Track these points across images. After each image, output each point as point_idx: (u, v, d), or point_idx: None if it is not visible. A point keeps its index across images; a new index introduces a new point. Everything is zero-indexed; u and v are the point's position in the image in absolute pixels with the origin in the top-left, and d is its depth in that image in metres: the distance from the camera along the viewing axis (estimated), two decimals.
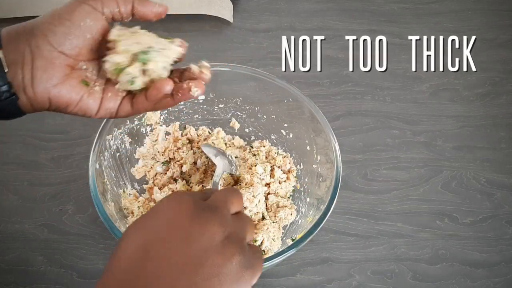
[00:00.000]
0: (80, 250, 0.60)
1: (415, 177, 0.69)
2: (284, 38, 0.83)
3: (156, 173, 0.63)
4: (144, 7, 0.43)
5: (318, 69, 0.80)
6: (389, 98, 0.77)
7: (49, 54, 0.41)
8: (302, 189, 0.62)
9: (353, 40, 0.83)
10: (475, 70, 0.80)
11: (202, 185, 0.62)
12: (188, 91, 0.43)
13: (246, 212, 0.59)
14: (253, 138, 0.67)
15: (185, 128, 0.66)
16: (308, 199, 0.60)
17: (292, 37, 0.83)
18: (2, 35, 0.41)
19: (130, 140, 0.61)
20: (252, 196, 0.59)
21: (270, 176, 0.62)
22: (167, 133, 0.65)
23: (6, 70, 0.40)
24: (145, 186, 0.62)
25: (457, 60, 0.82)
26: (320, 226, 0.50)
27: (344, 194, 0.67)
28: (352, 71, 0.80)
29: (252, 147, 0.66)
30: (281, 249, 0.53)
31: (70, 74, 0.43)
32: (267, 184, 0.62)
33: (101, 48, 0.44)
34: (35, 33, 0.41)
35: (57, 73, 0.42)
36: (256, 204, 0.59)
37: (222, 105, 0.65)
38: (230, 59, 0.77)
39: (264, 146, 0.65)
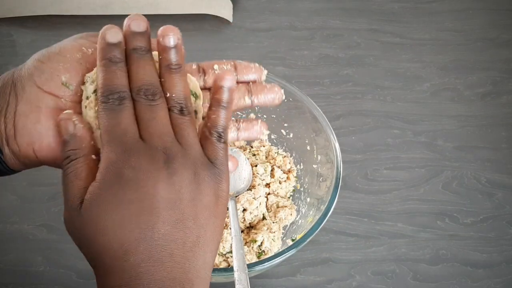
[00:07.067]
0: (79, 251, 0.60)
1: (416, 177, 0.69)
2: (284, 38, 0.83)
3: None
4: None
5: (318, 68, 0.79)
6: (389, 97, 0.77)
7: (34, 97, 0.34)
8: (302, 189, 0.62)
9: (354, 39, 0.83)
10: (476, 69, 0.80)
11: None
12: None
13: (247, 214, 0.59)
14: None
15: None
16: (308, 199, 0.60)
17: (292, 37, 0.83)
18: None
19: None
20: (253, 198, 0.59)
21: (270, 176, 0.62)
22: None
23: None
24: None
25: (457, 60, 0.81)
26: (321, 226, 0.50)
27: (344, 194, 0.66)
28: (353, 70, 0.79)
29: (252, 147, 0.66)
30: (281, 250, 0.53)
31: None
32: (267, 185, 0.62)
33: None
34: (22, 73, 0.35)
35: (44, 120, 0.34)
36: (257, 207, 0.59)
37: None
38: (230, 59, 0.76)
39: (264, 146, 0.65)
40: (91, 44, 0.36)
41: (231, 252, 0.55)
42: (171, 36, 0.33)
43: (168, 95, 0.33)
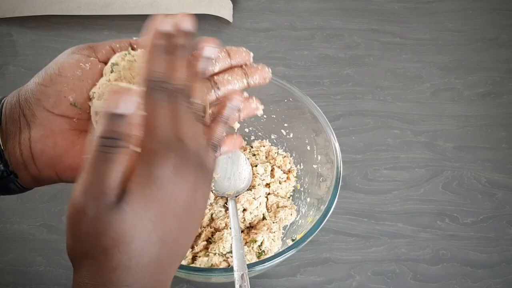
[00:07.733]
0: None
1: (416, 177, 0.69)
2: (284, 38, 0.83)
3: None
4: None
5: (318, 68, 0.79)
6: (389, 97, 0.77)
7: (46, 121, 0.34)
8: (302, 189, 0.62)
9: (354, 39, 0.83)
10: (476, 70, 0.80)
11: None
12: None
13: (247, 214, 0.59)
14: (253, 138, 0.67)
15: None
16: (308, 199, 0.60)
17: (292, 37, 0.83)
18: (4, 105, 0.36)
19: None
20: (253, 198, 0.59)
21: (270, 176, 0.62)
22: None
23: (2, 148, 0.35)
24: None
25: (457, 60, 0.81)
26: (321, 226, 0.50)
27: (344, 194, 0.66)
28: (353, 70, 0.79)
29: (252, 147, 0.66)
30: (281, 250, 0.53)
31: (78, 140, 0.35)
32: (267, 185, 0.62)
33: None
34: (28, 98, 0.35)
35: (61, 143, 0.35)
36: (257, 207, 0.59)
37: None
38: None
39: (264, 146, 0.65)
40: (86, 58, 0.36)
41: (231, 252, 0.55)
42: (212, 48, 0.37)
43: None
